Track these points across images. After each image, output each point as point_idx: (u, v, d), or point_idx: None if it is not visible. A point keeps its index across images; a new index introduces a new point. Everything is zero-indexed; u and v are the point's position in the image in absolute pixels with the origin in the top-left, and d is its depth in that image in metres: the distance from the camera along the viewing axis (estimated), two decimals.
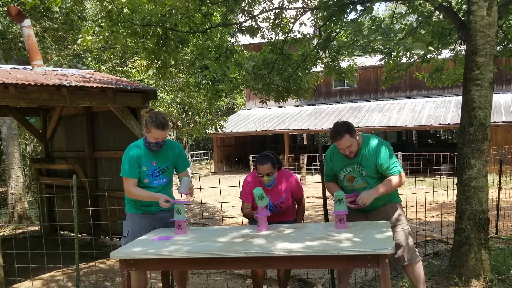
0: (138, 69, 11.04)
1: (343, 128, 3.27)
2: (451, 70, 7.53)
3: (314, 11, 6.42)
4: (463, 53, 5.84)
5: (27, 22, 6.36)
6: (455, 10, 5.48)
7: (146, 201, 3.44)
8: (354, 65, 8.03)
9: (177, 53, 6.83)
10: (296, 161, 16.49)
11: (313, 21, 6.71)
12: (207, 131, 12.15)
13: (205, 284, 4.94)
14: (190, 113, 16.67)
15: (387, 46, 4.85)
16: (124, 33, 6.05)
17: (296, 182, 3.75)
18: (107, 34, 6.10)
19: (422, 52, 6.12)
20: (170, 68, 8.20)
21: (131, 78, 11.09)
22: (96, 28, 6.67)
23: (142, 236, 3.29)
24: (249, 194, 3.62)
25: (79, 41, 7.70)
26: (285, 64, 7.08)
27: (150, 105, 6.22)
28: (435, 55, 6.96)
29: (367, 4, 5.30)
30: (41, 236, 5.90)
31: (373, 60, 18.91)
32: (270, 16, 6.65)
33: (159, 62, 6.93)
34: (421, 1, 6.09)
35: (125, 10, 5.95)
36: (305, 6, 6.56)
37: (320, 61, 7.24)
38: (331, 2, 5.68)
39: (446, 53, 7.22)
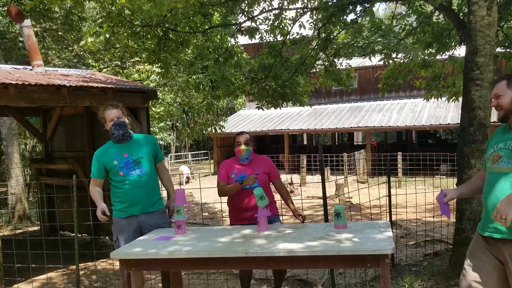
0: (140, 72, 11.06)
1: (506, 76, 2.63)
2: (449, 80, 7.49)
3: (314, 12, 6.43)
4: (462, 56, 5.83)
5: (27, 22, 6.36)
6: (455, 10, 5.48)
7: (129, 201, 3.43)
8: (351, 71, 8.04)
9: (178, 53, 6.84)
10: (296, 161, 16.50)
11: (312, 23, 6.71)
12: (206, 132, 12.15)
13: (205, 284, 4.94)
14: (190, 113, 16.66)
15: (387, 47, 4.86)
16: (125, 34, 6.07)
17: (271, 162, 3.86)
18: (107, 35, 6.12)
19: (421, 55, 6.13)
20: (171, 68, 8.20)
21: (131, 79, 11.11)
22: (97, 28, 6.68)
23: (128, 238, 3.35)
24: (225, 174, 3.74)
25: (81, 44, 7.73)
26: (282, 68, 7.05)
27: (150, 104, 6.23)
28: (435, 60, 6.94)
29: (366, 6, 5.30)
30: (41, 236, 5.89)
31: (373, 60, 18.93)
32: (269, 17, 6.66)
33: (160, 63, 6.94)
34: (421, 2, 6.09)
35: (126, 11, 5.97)
36: (305, 7, 6.56)
37: (319, 62, 7.24)
38: (330, 3, 5.69)
39: (445, 60, 7.18)
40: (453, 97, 7.50)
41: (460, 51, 6.89)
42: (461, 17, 5.19)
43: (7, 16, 8.43)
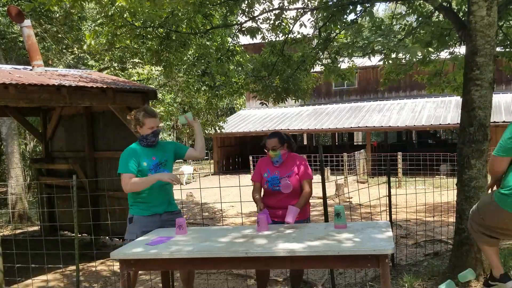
0: (139, 74, 11.09)
1: None
2: (450, 75, 7.52)
3: (314, 12, 6.43)
4: (462, 54, 5.85)
5: (27, 22, 6.36)
6: (455, 10, 5.48)
7: (154, 201, 3.47)
8: (354, 66, 8.05)
9: (181, 53, 6.87)
10: None
11: (313, 22, 6.73)
12: (207, 132, 12.16)
13: (205, 284, 4.94)
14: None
15: (386, 47, 4.86)
16: (128, 35, 6.09)
17: (305, 165, 3.77)
18: (109, 37, 6.14)
19: (420, 55, 6.13)
20: (174, 68, 8.21)
21: (132, 79, 11.12)
22: (98, 28, 6.69)
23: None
24: (259, 173, 3.81)
25: (84, 47, 7.76)
26: (284, 66, 7.11)
27: (150, 104, 6.24)
28: (435, 57, 6.96)
29: (367, 5, 5.30)
30: (41, 236, 5.89)
31: (373, 60, 18.92)
32: (270, 17, 6.67)
33: (162, 63, 6.95)
34: (421, 1, 6.09)
35: (127, 13, 5.99)
36: (305, 6, 6.57)
37: (319, 62, 7.26)
38: (331, 3, 5.69)
39: (445, 56, 7.21)
40: (455, 91, 7.55)
41: (461, 49, 6.90)
42: (461, 17, 5.18)
43: (7, 16, 8.43)
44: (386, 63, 6.57)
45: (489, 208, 2.93)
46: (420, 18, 6.18)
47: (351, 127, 17.88)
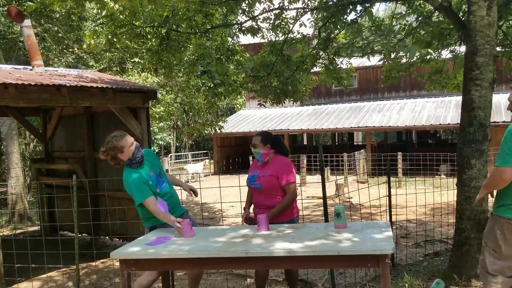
0: (140, 74, 11.10)
1: None
2: (451, 73, 7.54)
3: (314, 12, 6.44)
4: (462, 52, 5.87)
5: (27, 22, 6.36)
6: (455, 10, 5.48)
7: (168, 211, 3.47)
8: (352, 69, 8.07)
9: (181, 53, 6.88)
10: (296, 161, 16.49)
11: (313, 22, 6.73)
12: (207, 131, 12.17)
13: (205, 284, 4.94)
14: (190, 113, 16.66)
15: (386, 47, 4.87)
16: (128, 35, 6.09)
17: (286, 170, 3.64)
18: (110, 36, 6.15)
19: (418, 55, 6.15)
20: (174, 68, 8.22)
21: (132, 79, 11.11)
22: (98, 27, 6.70)
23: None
24: (251, 169, 3.85)
25: (84, 46, 7.78)
26: (283, 66, 7.12)
27: (150, 104, 6.24)
28: (435, 56, 6.98)
29: (367, 5, 5.31)
30: (41, 236, 5.89)
31: (373, 60, 18.91)
32: (270, 16, 6.68)
33: (162, 62, 6.95)
34: (421, 1, 6.10)
35: (126, 12, 5.99)
36: (305, 6, 6.58)
37: (319, 62, 7.27)
38: (331, 3, 5.70)
39: (446, 54, 7.24)
40: (455, 89, 7.57)
41: (461, 48, 6.93)
42: (461, 17, 5.19)
43: (7, 16, 8.43)
44: (386, 63, 6.58)
45: (501, 228, 2.70)
46: (420, 18, 6.18)
47: (351, 127, 17.88)
